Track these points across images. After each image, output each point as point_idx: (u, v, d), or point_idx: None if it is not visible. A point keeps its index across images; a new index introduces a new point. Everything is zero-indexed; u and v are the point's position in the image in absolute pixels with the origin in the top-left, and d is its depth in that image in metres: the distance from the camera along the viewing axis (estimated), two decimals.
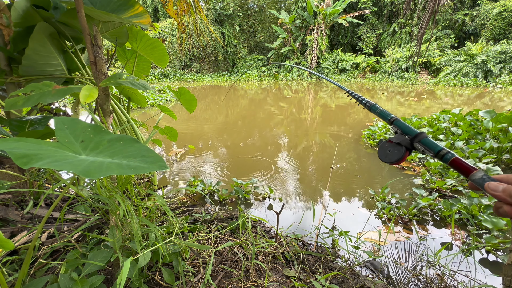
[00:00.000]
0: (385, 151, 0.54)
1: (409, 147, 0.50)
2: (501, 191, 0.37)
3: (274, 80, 16.82)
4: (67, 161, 0.56)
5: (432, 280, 1.36)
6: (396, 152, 0.51)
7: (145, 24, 1.65)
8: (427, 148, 0.47)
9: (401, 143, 0.51)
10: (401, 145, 0.51)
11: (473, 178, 0.41)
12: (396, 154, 0.51)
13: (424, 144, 0.48)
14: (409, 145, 0.50)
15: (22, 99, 1.09)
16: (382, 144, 0.54)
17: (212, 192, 2.30)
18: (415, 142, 0.49)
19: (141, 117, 5.87)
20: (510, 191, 0.37)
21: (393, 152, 0.52)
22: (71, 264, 0.95)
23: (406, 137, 0.51)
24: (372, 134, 3.96)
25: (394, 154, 0.51)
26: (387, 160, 0.53)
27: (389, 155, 0.53)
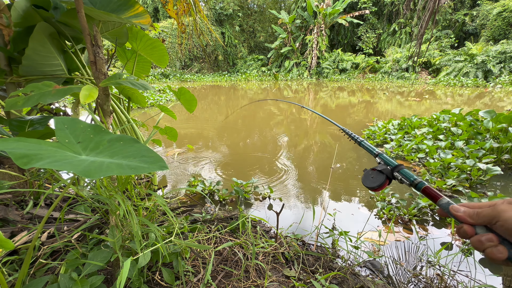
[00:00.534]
0: (368, 178, 0.60)
1: (389, 176, 0.57)
2: (462, 212, 0.42)
3: (274, 80, 16.82)
4: (67, 161, 0.56)
5: (432, 280, 1.36)
6: (378, 178, 0.58)
7: (145, 24, 1.65)
8: (404, 177, 0.54)
9: (383, 172, 0.58)
10: (383, 173, 0.58)
11: (440, 203, 0.46)
12: (378, 180, 0.58)
13: (402, 174, 0.55)
14: (390, 174, 0.57)
15: (22, 99, 1.09)
16: (367, 172, 0.61)
17: (212, 192, 2.30)
18: (395, 172, 0.56)
19: (141, 117, 5.87)
20: (469, 212, 0.41)
21: (375, 178, 0.59)
22: (71, 264, 0.95)
23: (388, 167, 0.58)
24: (372, 134, 3.96)
25: (376, 180, 0.58)
26: (369, 185, 0.59)
27: (371, 180, 0.59)
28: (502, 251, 0.36)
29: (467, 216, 0.40)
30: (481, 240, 0.38)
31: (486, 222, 0.39)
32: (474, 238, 0.39)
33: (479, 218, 0.39)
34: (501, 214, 0.36)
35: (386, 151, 3.24)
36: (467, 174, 2.48)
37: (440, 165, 2.65)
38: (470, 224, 0.40)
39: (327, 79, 16.65)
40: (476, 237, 0.39)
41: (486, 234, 0.38)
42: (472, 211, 0.40)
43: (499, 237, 0.37)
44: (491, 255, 0.37)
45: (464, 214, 0.41)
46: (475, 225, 0.40)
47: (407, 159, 3.09)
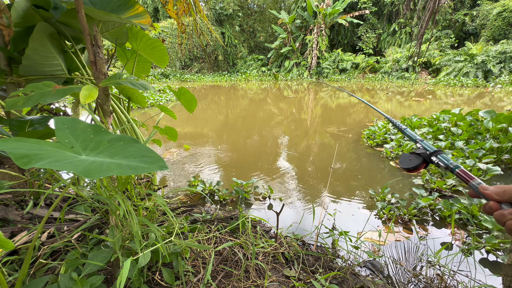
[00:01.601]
0: (406, 160, 0.63)
1: (427, 159, 0.61)
2: (490, 190, 0.46)
3: (274, 80, 16.82)
4: (67, 161, 0.56)
5: (432, 280, 1.36)
6: (415, 160, 0.61)
7: (145, 24, 1.65)
8: (441, 161, 0.58)
9: (421, 155, 0.61)
10: (421, 156, 0.61)
11: (471, 184, 0.50)
12: (414, 162, 0.61)
13: (440, 158, 0.59)
14: (428, 158, 0.61)
15: (22, 99, 1.09)
16: (404, 155, 0.64)
17: (212, 192, 2.30)
18: (433, 156, 0.60)
19: (141, 117, 5.87)
20: (497, 190, 0.45)
21: (412, 160, 0.62)
22: (71, 264, 0.95)
23: (426, 152, 0.61)
24: (372, 134, 3.96)
25: (413, 162, 0.61)
26: (406, 166, 0.62)
27: (408, 162, 0.62)
28: None
29: (494, 193, 0.45)
30: (504, 213, 0.43)
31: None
32: (497, 212, 0.44)
33: (505, 195, 0.44)
34: None
35: (386, 151, 3.24)
36: None
37: None
38: (497, 201, 0.45)
39: (327, 79, 16.65)
40: (500, 211, 0.44)
41: (510, 209, 0.43)
42: (500, 188, 0.45)
43: None
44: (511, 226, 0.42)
45: (491, 192, 0.46)
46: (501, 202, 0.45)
47: None
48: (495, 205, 0.45)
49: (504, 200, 0.44)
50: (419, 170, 0.61)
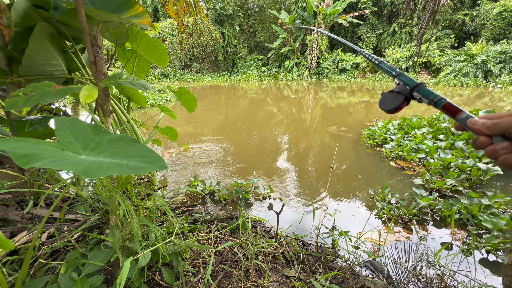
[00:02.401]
0: (386, 100, 0.57)
1: (408, 96, 0.55)
2: (480, 125, 0.42)
3: (274, 80, 16.82)
4: (67, 161, 0.56)
5: (432, 280, 1.36)
6: (395, 100, 0.56)
7: (145, 24, 1.65)
8: (423, 96, 0.52)
9: (401, 92, 0.55)
10: (401, 94, 0.55)
11: (459, 118, 0.46)
12: (395, 102, 0.55)
13: (422, 93, 0.52)
14: (409, 94, 0.55)
15: (22, 99, 1.09)
16: (384, 95, 0.58)
17: (212, 192, 2.30)
18: (414, 91, 0.54)
19: (141, 117, 5.87)
20: (487, 124, 0.41)
21: (393, 100, 0.56)
22: (71, 264, 0.95)
23: (407, 87, 0.55)
24: (372, 134, 3.96)
25: (394, 102, 0.56)
26: (386, 107, 0.57)
27: (389, 103, 0.57)
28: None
29: (485, 128, 0.41)
30: (495, 149, 0.40)
31: (504, 131, 0.40)
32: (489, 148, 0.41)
33: (497, 128, 0.40)
34: None
35: (386, 151, 3.24)
36: (467, 174, 2.48)
37: (440, 165, 2.65)
38: (487, 135, 0.41)
39: (327, 79, 16.65)
40: (491, 146, 0.41)
41: (501, 143, 0.40)
42: (490, 122, 0.41)
43: None
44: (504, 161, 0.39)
45: (481, 127, 0.42)
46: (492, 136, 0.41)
47: (407, 159, 3.09)
48: (485, 140, 0.42)
49: (495, 133, 0.41)
50: (401, 109, 0.55)
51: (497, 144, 0.40)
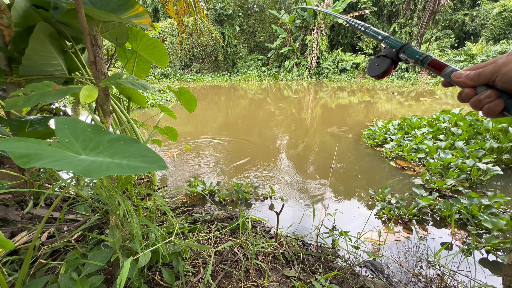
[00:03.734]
0: (373, 66, 0.57)
1: (395, 58, 0.54)
2: (464, 77, 0.42)
3: (274, 80, 16.82)
4: (67, 161, 0.56)
5: (432, 280, 1.36)
6: (382, 64, 0.55)
7: (145, 24, 1.65)
8: (409, 56, 0.51)
9: (387, 56, 0.55)
10: (388, 58, 0.55)
11: (444, 73, 0.46)
12: (383, 66, 0.55)
13: (408, 53, 0.52)
14: (395, 57, 0.54)
15: (22, 99, 1.09)
16: (371, 61, 0.57)
17: (213, 192, 2.30)
18: (400, 53, 0.53)
19: (141, 117, 5.87)
20: (471, 75, 0.41)
21: (380, 65, 0.56)
22: (71, 264, 0.95)
23: (393, 50, 0.54)
24: (372, 134, 3.96)
25: (381, 67, 0.55)
26: (374, 73, 0.56)
27: (376, 68, 0.56)
28: (499, 104, 0.38)
29: (469, 79, 0.41)
30: (479, 99, 0.40)
31: (487, 80, 0.39)
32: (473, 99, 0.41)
33: (480, 78, 0.40)
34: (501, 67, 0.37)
35: (386, 151, 3.24)
36: (467, 174, 2.48)
37: (440, 165, 2.65)
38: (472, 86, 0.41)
39: (327, 79, 16.65)
40: (476, 97, 0.41)
41: (485, 92, 0.39)
42: (473, 73, 0.41)
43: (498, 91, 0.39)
44: (488, 110, 0.39)
45: (465, 79, 0.42)
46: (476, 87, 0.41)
47: (407, 159, 3.09)
48: (470, 92, 0.41)
49: (479, 83, 0.40)
50: (389, 73, 0.55)
51: (481, 93, 0.40)
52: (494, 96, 0.38)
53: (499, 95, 0.38)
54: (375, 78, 0.58)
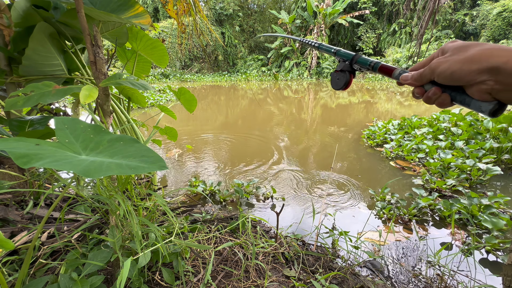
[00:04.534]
0: (335, 80, 0.60)
1: (350, 70, 0.57)
2: (410, 79, 0.46)
3: (274, 80, 16.82)
4: (67, 161, 0.56)
5: (432, 280, 1.36)
6: (342, 78, 0.58)
7: (145, 24, 1.65)
8: (361, 66, 0.54)
9: (343, 69, 0.58)
10: (344, 71, 0.58)
11: (394, 75, 0.49)
12: (342, 79, 0.58)
13: (359, 63, 0.55)
14: (350, 68, 0.57)
15: (22, 99, 1.09)
16: (332, 75, 0.60)
17: (213, 192, 2.30)
18: (353, 65, 0.56)
19: (141, 117, 5.87)
20: (415, 76, 0.45)
21: (340, 78, 0.58)
22: (71, 264, 0.95)
23: (346, 62, 0.58)
24: (372, 134, 3.96)
25: (341, 80, 0.58)
26: (338, 87, 0.59)
27: (338, 82, 0.59)
28: (445, 98, 0.42)
29: (414, 80, 0.45)
30: (428, 96, 0.43)
31: (429, 79, 0.43)
32: (424, 97, 0.45)
33: (422, 78, 0.44)
34: (435, 70, 0.41)
35: (386, 151, 3.25)
36: (467, 174, 2.48)
37: (440, 165, 2.65)
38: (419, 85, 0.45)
39: (327, 79, 16.65)
40: (425, 95, 0.44)
41: (430, 90, 0.43)
42: (417, 74, 0.45)
43: (442, 87, 0.42)
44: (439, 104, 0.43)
45: (411, 80, 0.45)
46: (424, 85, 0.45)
47: (407, 159, 3.09)
48: (419, 91, 0.45)
49: (423, 83, 0.44)
50: (350, 84, 0.58)
51: (428, 91, 0.43)
52: (439, 92, 0.42)
53: (443, 90, 0.42)
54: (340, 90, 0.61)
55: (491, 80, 0.35)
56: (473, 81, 0.37)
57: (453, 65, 0.39)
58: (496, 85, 0.35)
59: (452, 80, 0.39)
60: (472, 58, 0.37)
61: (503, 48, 0.35)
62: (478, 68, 0.36)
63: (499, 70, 0.34)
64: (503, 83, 0.35)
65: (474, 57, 0.37)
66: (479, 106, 0.38)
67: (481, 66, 0.36)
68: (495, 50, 0.36)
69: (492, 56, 0.35)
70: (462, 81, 0.38)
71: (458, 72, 0.38)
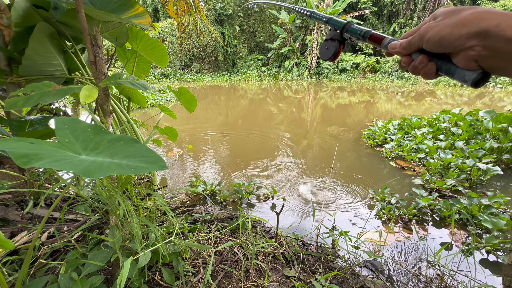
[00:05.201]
0: (324, 50, 0.58)
1: (340, 39, 0.55)
2: (399, 47, 0.44)
3: (274, 80, 16.82)
4: (67, 161, 0.56)
5: (432, 280, 1.36)
6: (331, 48, 0.56)
7: (145, 24, 1.65)
8: (352, 34, 0.53)
9: (333, 38, 0.56)
10: (334, 40, 0.56)
11: (383, 45, 0.47)
12: (332, 49, 0.56)
13: (350, 32, 0.53)
14: (340, 37, 0.55)
15: (22, 99, 1.09)
16: (322, 44, 0.58)
17: (214, 192, 2.30)
18: (344, 33, 0.54)
19: (141, 117, 5.87)
20: (404, 45, 0.43)
21: (329, 48, 0.57)
22: (71, 264, 0.95)
23: (337, 31, 0.56)
24: (372, 134, 3.96)
25: (330, 50, 0.57)
26: (326, 57, 0.58)
27: (327, 52, 0.57)
28: (431, 67, 0.41)
29: (403, 48, 0.44)
30: (415, 65, 0.42)
31: (417, 47, 0.42)
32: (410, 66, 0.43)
33: (411, 46, 0.42)
34: (424, 36, 0.40)
35: (386, 151, 3.24)
36: (467, 174, 2.48)
37: (440, 165, 2.65)
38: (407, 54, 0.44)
39: (327, 79, 16.65)
40: (411, 64, 0.43)
41: (417, 58, 0.42)
42: (405, 42, 0.43)
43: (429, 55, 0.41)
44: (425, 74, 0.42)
45: (400, 48, 0.44)
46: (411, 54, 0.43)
47: (407, 159, 3.09)
48: (406, 60, 0.44)
49: (411, 51, 0.43)
50: (339, 54, 0.56)
51: (415, 60, 0.42)
52: (425, 60, 0.41)
53: (430, 59, 0.41)
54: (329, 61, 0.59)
55: (479, 45, 0.34)
56: (461, 47, 0.36)
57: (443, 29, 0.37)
58: (484, 51, 0.34)
59: (441, 46, 0.38)
60: (463, 21, 0.35)
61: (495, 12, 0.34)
62: (468, 32, 0.35)
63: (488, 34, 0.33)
64: (491, 49, 0.34)
65: (464, 21, 0.35)
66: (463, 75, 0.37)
67: (470, 30, 0.34)
68: (486, 13, 0.34)
69: (482, 19, 0.34)
70: (451, 47, 0.37)
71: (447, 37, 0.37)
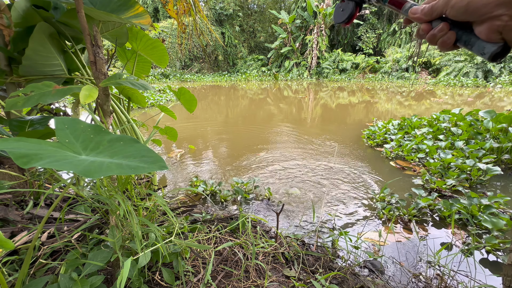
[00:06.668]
0: (338, 12, 0.56)
1: (358, 0, 0.53)
2: (420, 12, 0.42)
3: (274, 80, 16.82)
4: (67, 161, 0.56)
5: (432, 280, 1.36)
6: (347, 9, 0.54)
7: (145, 24, 1.65)
8: None
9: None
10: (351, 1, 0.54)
11: (403, 10, 0.45)
12: (347, 10, 0.54)
13: None
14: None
15: (22, 99, 1.09)
16: (337, 6, 0.56)
17: (214, 193, 2.30)
18: None
19: (141, 117, 5.87)
20: (425, 10, 0.41)
21: (345, 10, 0.54)
22: (71, 264, 0.95)
23: None
24: (372, 134, 3.96)
25: (346, 12, 0.54)
26: (340, 19, 0.55)
27: (341, 14, 0.55)
28: (451, 36, 0.39)
29: (424, 14, 0.42)
30: (434, 33, 0.40)
31: (440, 13, 0.40)
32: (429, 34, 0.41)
33: (433, 11, 0.40)
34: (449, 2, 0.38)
35: (386, 151, 3.24)
36: (467, 174, 2.48)
37: (440, 165, 2.65)
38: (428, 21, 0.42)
39: (327, 79, 16.65)
40: (430, 32, 0.41)
41: (438, 26, 0.40)
42: (428, 7, 0.41)
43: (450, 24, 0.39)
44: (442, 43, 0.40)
45: (421, 14, 0.42)
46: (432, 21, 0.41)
47: (407, 159, 3.09)
48: (426, 27, 0.42)
49: (433, 17, 0.41)
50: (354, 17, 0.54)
51: (435, 28, 0.40)
52: (446, 29, 0.39)
53: (451, 28, 0.39)
54: (342, 25, 0.57)
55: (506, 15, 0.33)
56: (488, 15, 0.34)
57: None
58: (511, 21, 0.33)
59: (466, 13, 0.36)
60: None
61: None
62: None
63: None
64: None
65: None
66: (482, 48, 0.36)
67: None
68: None
69: None
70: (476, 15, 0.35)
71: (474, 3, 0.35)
